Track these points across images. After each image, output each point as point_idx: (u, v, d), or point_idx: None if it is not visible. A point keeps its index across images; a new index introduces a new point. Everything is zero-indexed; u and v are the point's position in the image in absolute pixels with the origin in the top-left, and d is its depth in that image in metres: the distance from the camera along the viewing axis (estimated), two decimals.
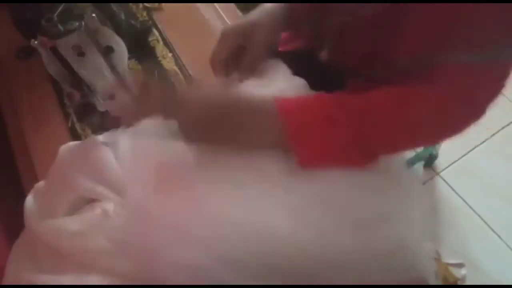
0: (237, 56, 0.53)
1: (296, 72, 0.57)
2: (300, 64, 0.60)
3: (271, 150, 0.44)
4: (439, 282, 0.98)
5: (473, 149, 1.28)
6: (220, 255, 0.39)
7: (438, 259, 1.04)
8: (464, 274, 1.05)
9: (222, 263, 0.39)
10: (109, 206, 0.42)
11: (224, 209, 0.41)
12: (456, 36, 0.41)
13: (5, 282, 0.44)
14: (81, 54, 0.39)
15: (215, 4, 0.71)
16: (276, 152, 0.44)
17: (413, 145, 0.48)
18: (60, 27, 0.38)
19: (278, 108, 0.43)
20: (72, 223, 0.42)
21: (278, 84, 0.52)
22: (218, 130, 0.45)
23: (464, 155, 1.28)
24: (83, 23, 0.38)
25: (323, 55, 0.62)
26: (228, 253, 0.39)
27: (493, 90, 0.42)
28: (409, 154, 1.12)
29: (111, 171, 0.43)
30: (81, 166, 0.45)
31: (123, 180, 0.43)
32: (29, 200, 0.46)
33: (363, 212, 0.43)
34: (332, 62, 0.63)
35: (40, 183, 0.48)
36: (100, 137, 0.46)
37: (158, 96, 0.45)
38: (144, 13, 0.70)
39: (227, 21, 0.69)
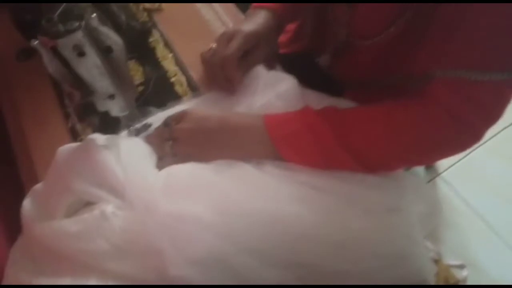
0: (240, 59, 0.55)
1: (294, 75, 0.58)
2: (299, 67, 0.60)
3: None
4: (440, 283, 0.97)
5: (474, 150, 1.28)
6: (238, 244, 0.40)
7: (439, 260, 1.04)
8: (465, 275, 1.04)
9: (243, 252, 0.40)
10: (108, 207, 0.42)
11: (237, 201, 0.42)
12: (458, 53, 0.42)
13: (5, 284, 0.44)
14: (81, 54, 0.39)
15: (215, 4, 0.71)
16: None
17: (407, 162, 0.48)
18: (60, 27, 0.38)
19: (265, 122, 0.46)
20: (70, 225, 0.42)
21: (267, 95, 0.53)
22: (211, 145, 0.47)
23: (465, 156, 1.28)
24: (83, 23, 0.38)
25: (323, 59, 0.62)
26: (246, 242, 0.40)
27: (489, 111, 0.43)
28: None
29: (110, 173, 0.43)
30: (79, 168, 0.44)
31: (124, 182, 0.43)
32: (27, 202, 0.46)
33: (371, 203, 0.45)
34: (332, 69, 0.63)
35: (38, 186, 0.48)
36: (99, 139, 0.46)
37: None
38: (145, 14, 0.70)
39: (227, 21, 0.69)
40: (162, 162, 0.48)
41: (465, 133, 0.44)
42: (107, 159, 0.44)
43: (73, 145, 0.48)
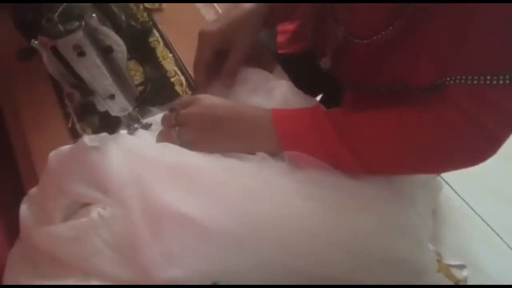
0: (219, 60, 0.54)
1: (294, 76, 0.57)
2: (298, 68, 0.60)
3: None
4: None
5: None
6: (246, 257, 0.39)
7: (439, 260, 1.03)
8: (465, 276, 1.04)
9: (250, 265, 0.39)
10: (105, 210, 0.42)
11: (246, 205, 0.41)
12: (468, 58, 0.40)
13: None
14: (81, 54, 0.39)
15: (215, 4, 0.71)
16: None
17: (414, 170, 0.46)
18: (60, 27, 0.38)
19: (273, 116, 0.46)
20: (67, 230, 0.41)
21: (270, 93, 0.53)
22: (217, 132, 0.46)
23: None
24: (83, 23, 0.38)
25: (325, 62, 0.62)
26: (258, 250, 0.39)
27: (509, 116, 0.40)
28: None
29: (103, 174, 0.43)
30: (72, 171, 0.44)
31: (117, 182, 0.42)
32: (23, 208, 0.46)
33: (377, 202, 0.44)
34: (333, 70, 0.63)
35: (33, 190, 0.48)
36: (90, 141, 0.46)
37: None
38: (145, 14, 0.70)
39: None
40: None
41: (481, 139, 0.41)
42: (99, 160, 0.44)
43: (65, 148, 0.47)
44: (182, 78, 0.62)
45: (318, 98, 0.80)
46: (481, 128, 0.40)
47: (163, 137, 0.49)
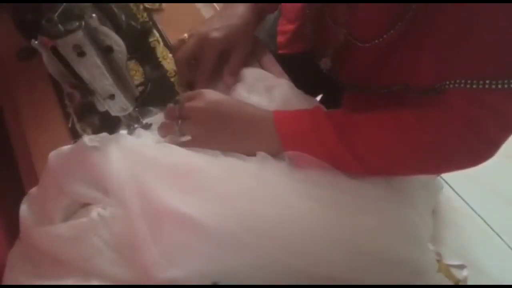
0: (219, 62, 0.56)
1: (294, 76, 0.57)
2: (298, 68, 0.60)
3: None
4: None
5: None
6: (251, 255, 0.39)
7: (439, 260, 1.03)
8: (465, 276, 1.04)
9: (254, 265, 0.39)
10: (105, 210, 0.42)
11: (243, 204, 0.42)
12: (469, 61, 0.40)
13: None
14: (81, 54, 0.39)
15: (215, 4, 0.71)
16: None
17: (415, 171, 0.47)
18: (60, 27, 0.38)
19: (275, 117, 0.47)
20: (67, 230, 0.42)
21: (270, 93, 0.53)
22: (218, 129, 0.47)
23: None
24: (83, 23, 0.38)
25: (324, 62, 0.62)
26: (258, 250, 0.40)
27: (507, 118, 0.41)
28: None
29: (103, 174, 0.43)
30: (72, 171, 0.44)
31: (117, 182, 0.42)
32: (23, 208, 0.46)
33: (379, 201, 0.45)
34: (333, 71, 0.63)
35: (33, 190, 0.48)
36: (90, 141, 0.46)
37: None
38: (145, 14, 0.70)
39: None
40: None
41: (480, 141, 0.42)
42: (97, 160, 0.44)
43: (65, 148, 0.47)
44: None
45: (318, 98, 0.80)
46: (480, 130, 0.41)
47: (164, 129, 0.49)
